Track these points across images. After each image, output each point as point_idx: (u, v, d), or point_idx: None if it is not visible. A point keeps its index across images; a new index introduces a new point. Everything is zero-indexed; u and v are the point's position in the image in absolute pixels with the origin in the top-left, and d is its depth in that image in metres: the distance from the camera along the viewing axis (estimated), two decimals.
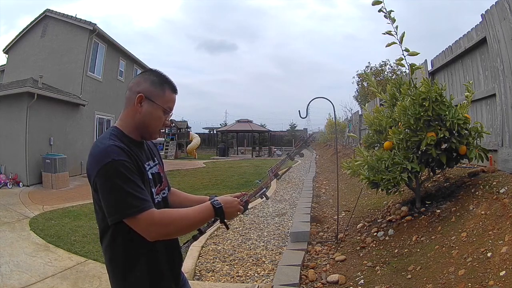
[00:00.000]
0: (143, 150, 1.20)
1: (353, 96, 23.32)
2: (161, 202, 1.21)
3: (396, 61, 3.52)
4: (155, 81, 1.16)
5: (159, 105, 1.15)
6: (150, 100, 1.14)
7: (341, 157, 9.98)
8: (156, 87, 1.15)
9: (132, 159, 1.06)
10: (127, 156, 1.04)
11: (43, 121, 9.04)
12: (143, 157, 1.16)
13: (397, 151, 3.36)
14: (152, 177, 1.18)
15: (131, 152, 1.08)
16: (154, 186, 1.18)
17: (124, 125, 1.16)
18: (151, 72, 1.19)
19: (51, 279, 3.07)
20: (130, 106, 1.15)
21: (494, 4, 3.52)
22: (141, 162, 1.12)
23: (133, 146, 1.14)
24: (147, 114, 1.14)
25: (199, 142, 21.06)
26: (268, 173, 1.54)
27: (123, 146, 1.06)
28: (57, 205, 6.26)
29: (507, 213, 2.45)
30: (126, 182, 1.00)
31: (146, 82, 1.16)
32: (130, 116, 1.15)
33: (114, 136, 1.11)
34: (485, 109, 4.07)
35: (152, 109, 1.14)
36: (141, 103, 1.13)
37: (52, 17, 11.25)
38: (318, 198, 6.43)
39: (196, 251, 3.67)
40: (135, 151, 1.12)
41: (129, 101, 1.15)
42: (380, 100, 6.85)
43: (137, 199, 1.01)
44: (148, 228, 1.03)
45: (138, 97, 1.13)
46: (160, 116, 1.16)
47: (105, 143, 1.06)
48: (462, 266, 2.19)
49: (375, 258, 2.95)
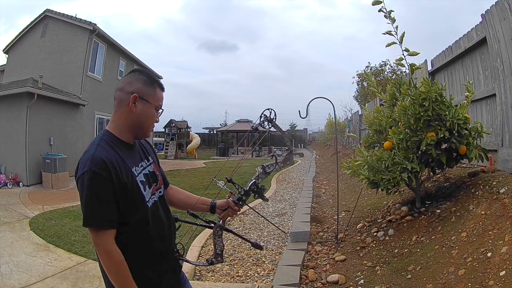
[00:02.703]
0: (134, 152, 1.20)
1: (353, 96, 23.30)
2: (158, 201, 1.21)
3: (396, 61, 3.52)
4: (146, 80, 1.18)
5: (152, 103, 1.17)
6: (143, 100, 1.15)
7: (341, 157, 9.99)
8: (148, 86, 1.18)
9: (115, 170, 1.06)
10: (108, 169, 1.04)
11: (43, 121, 9.04)
12: (133, 161, 1.16)
13: (397, 151, 3.36)
14: (146, 178, 1.18)
15: (117, 161, 1.08)
16: (149, 187, 1.18)
17: (117, 128, 1.16)
18: (140, 72, 1.22)
19: (51, 279, 3.07)
20: (123, 107, 1.15)
21: (494, 4, 3.52)
22: (126, 170, 1.10)
23: (124, 150, 1.14)
24: (142, 113, 1.16)
25: (199, 142, 21.05)
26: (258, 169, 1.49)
27: (108, 156, 1.06)
28: (57, 205, 6.25)
29: (507, 213, 2.45)
30: (94, 195, 1.03)
31: (138, 82, 1.17)
32: (123, 118, 1.16)
33: (104, 142, 1.11)
34: (485, 109, 4.07)
35: (146, 108, 1.16)
36: (135, 103, 1.14)
37: (52, 17, 11.25)
38: (318, 198, 6.43)
39: (196, 251, 3.67)
40: (124, 157, 1.12)
41: (122, 102, 1.16)
42: (380, 100, 6.85)
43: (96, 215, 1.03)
44: (95, 246, 1.06)
45: (133, 97, 1.14)
46: (154, 114, 1.19)
47: (91, 151, 1.08)
48: (462, 266, 2.19)
49: (375, 258, 2.95)
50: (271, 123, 1.57)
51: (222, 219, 1.36)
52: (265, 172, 1.44)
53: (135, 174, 1.14)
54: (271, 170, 1.47)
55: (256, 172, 1.43)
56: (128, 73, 1.23)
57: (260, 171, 1.44)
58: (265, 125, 1.57)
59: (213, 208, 1.39)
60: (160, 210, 1.21)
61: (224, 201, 1.38)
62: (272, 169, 1.47)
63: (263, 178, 1.44)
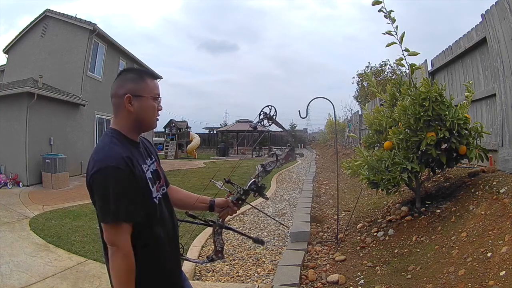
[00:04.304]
0: (139, 150, 1.21)
1: (353, 96, 23.30)
2: (162, 198, 1.22)
3: (396, 61, 3.52)
4: (133, 77, 1.19)
5: (147, 96, 1.17)
6: (137, 96, 1.16)
7: (341, 157, 9.98)
8: (137, 81, 1.18)
9: (133, 165, 1.07)
10: (127, 164, 1.05)
11: (43, 121, 9.04)
12: (141, 158, 1.18)
13: (397, 151, 3.36)
14: (152, 176, 1.19)
15: (132, 157, 1.09)
16: (154, 184, 1.19)
17: (121, 125, 1.17)
18: (126, 72, 1.22)
19: (51, 279, 3.07)
20: (121, 110, 1.16)
21: (494, 4, 3.52)
22: (139, 166, 1.12)
23: (132, 147, 1.16)
24: (141, 108, 1.16)
25: (199, 142, 21.04)
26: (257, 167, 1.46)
27: (124, 152, 1.08)
28: (57, 205, 6.25)
29: (507, 213, 2.45)
30: (120, 189, 1.03)
31: (127, 82, 1.17)
32: (125, 119, 1.17)
33: (115, 139, 1.12)
34: (485, 109, 4.07)
35: (143, 102, 1.16)
36: (131, 103, 1.15)
37: (52, 17, 11.25)
38: (318, 198, 6.43)
39: (196, 251, 3.67)
40: (134, 153, 1.13)
41: (119, 106, 1.17)
42: (380, 100, 6.85)
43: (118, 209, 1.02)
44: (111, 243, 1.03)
45: (126, 98, 1.14)
46: (153, 104, 1.19)
47: (105, 148, 1.09)
48: (462, 266, 2.19)
49: (375, 258, 2.95)
50: (271, 121, 1.46)
51: (221, 218, 1.36)
52: (265, 171, 1.41)
53: (144, 170, 1.15)
54: (271, 168, 1.43)
55: (256, 170, 1.41)
56: (117, 76, 1.23)
57: (260, 170, 1.41)
58: (264, 123, 1.47)
59: (212, 207, 1.41)
60: (163, 207, 1.22)
61: (223, 200, 1.39)
62: (273, 167, 1.43)
63: (263, 177, 1.42)
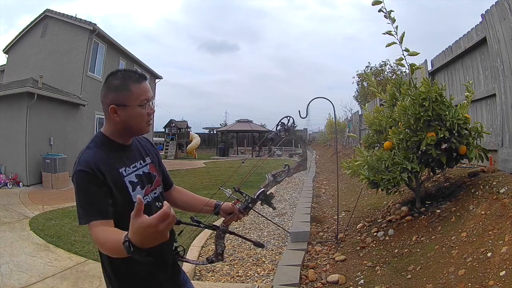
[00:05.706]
0: (129, 153, 1.20)
1: (353, 96, 23.31)
2: (151, 202, 1.20)
3: (396, 61, 3.52)
4: (117, 85, 1.13)
5: (132, 105, 1.12)
6: (122, 106, 1.12)
7: (341, 157, 9.99)
8: (121, 91, 1.12)
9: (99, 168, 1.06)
10: (92, 167, 1.05)
11: (43, 121, 9.04)
12: (124, 161, 1.16)
13: (397, 151, 3.35)
14: (138, 178, 1.17)
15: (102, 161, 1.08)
16: (142, 187, 1.17)
17: (109, 131, 1.17)
18: (111, 78, 1.15)
19: (51, 279, 3.07)
20: (109, 118, 1.15)
21: (494, 4, 3.52)
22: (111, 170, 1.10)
23: (114, 151, 1.14)
24: (126, 118, 1.13)
25: (199, 142, 21.04)
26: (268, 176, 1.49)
27: (93, 157, 1.08)
28: (57, 205, 6.25)
29: (507, 213, 2.45)
30: (82, 193, 1.04)
31: (110, 91, 1.13)
32: (113, 126, 1.16)
33: (93, 143, 1.14)
34: (485, 109, 4.07)
35: (128, 111, 1.12)
36: (116, 113, 1.12)
37: (52, 17, 11.25)
38: (318, 198, 6.43)
39: (196, 251, 3.67)
40: (112, 157, 1.12)
41: (106, 114, 1.16)
42: (380, 100, 6.85)
43: (86, 210, 1.03)
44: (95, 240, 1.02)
45: (111, 109, 1.12)
46: (140, 112, 1.14)
47: (82, 151, 1.11)
48: (462, 266, 2.19)
49: (375, 258, 2.95)
50: (287, 132, 1.47)
51: (226, 224, 1.34)
52: (276, 181, 1.40)
53: (123, 174, 1.13)
54: (282, 179, 1.42)
55: (266, 180, 1.41)
56: (104, 80, 1.19)
57: (270, 179, 1.41)
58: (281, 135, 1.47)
59: (218, 211, 1.37)
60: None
61: (230, 206, 1.35)
62: (283, 177, 1.42)
63: (272, 186, 1.41)
